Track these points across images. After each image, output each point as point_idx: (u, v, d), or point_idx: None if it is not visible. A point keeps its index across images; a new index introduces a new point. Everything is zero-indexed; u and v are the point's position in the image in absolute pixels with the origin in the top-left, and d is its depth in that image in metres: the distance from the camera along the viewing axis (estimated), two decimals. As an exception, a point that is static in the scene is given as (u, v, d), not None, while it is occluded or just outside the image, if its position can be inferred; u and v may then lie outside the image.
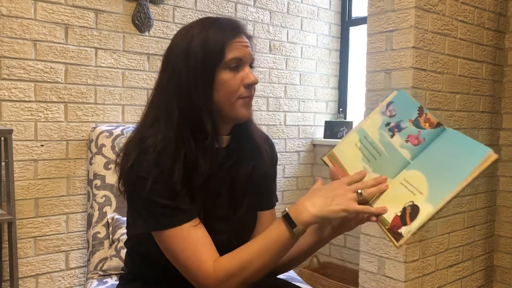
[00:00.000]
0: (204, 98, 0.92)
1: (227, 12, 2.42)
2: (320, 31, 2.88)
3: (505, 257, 2.27)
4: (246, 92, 0.96)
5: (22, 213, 1.86)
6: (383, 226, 0.87)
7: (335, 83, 2.99)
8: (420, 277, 1.88)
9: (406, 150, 0.92)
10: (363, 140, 0.96)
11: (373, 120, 0.97)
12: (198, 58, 0.92)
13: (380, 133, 0.95)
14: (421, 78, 1.81)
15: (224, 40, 0.93)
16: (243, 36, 0.97)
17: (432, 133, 0.91)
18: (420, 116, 0.93)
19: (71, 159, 1.96)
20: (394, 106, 0.96)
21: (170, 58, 0.97)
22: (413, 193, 0.87)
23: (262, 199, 1.11)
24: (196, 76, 0.92)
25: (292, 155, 2.77)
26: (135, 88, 2.12)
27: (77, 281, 2.01)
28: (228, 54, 0.93)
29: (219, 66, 0.93)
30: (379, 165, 0.93)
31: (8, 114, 1.81)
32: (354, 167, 0.95)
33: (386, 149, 0.93)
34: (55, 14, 1.89)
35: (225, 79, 0.93)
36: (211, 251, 0.91)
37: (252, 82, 0.96)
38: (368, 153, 0.95)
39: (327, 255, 2.86)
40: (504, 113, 2.26)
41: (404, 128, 0.93)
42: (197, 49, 0.92)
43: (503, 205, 2.27)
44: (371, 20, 1.91)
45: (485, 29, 2.10)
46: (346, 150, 0.97)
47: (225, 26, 0.95)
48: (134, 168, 0.90)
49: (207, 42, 0.92)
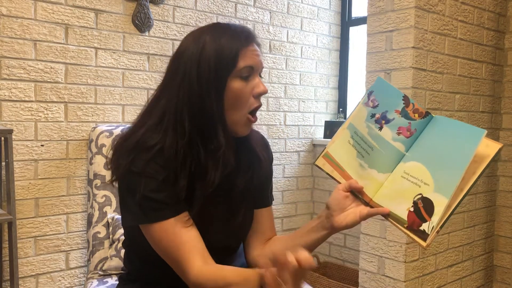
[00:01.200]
0: (216, 107, 0.91)
1: (227, 12, 2.42)
2: (320, 31, 2.88)
3: (505, 257, 2.28)
4: (256, 103, 0.95)
5: (22, 213, 1.86)
6: (401, 226, 0.85)
7: (335, 83, 2.99)
8: (420, 277, 1.88)
9: (399, 143, 0.90)
10: (354, 135, 0.95)
11: (359, 113, 0.95)
12: (211, 65, 0.91)
13: (368, 126, 0.93)
14: (421, 78, 1.81)
15: (238, 48, 0.92)
16: (254, 44, 0.96)
17: (422, 122, 0.90)
18: (407, 106, 0.91)
19: (71, 159, 1.96)
20: (375, 96, 0.94)
21: (181, 62, 0.95)
22: (418, 185, 0.85)
23: (258, 198, 1.11)
24: (209, 83, 0.91)
25: (292, 155, 2.77)
26: (135, 88, 2.12)
27: (77, 281, 2.01)
28: (241, 62, 0.92)
29: (231, 74, 0.92)
30: (373, 160, 0.92)
31: (8, 114, 1.81)
32: (351, 164, 0.94)
33: (377, 143, 0.92)
34: (55, 14, 1.89)
35: (236, 87, 0.92)
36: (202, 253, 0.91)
37: (262, 91, 0.95)
38: (361, 148, 0.94)
39: (327, 255, 2.87)
40: (504, 113, 2.26)
41: (391, 119, 0.92)
42: (210, 56, 0.91)
43: (503, 205, 2.28)
44: (371, 20, 1.91)
45: (485, 29, 2.10)
46: (340, 148, 0.96)
47: (239, 34, 0.94)
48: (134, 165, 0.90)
49: (221, 50, 0.91)
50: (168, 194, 0.90)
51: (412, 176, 0.87)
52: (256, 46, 0.97)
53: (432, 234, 0.82)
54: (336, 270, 2.74)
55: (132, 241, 1.05)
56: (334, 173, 0.97)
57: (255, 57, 0.94)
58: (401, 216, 0.85)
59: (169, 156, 0.90)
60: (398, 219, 0.85)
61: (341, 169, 0.95)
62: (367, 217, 0.91)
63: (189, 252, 0.90)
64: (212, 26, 0.97)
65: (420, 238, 0.83)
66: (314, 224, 1.00)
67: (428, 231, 0.82)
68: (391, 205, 0.88)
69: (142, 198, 0.89)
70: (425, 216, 0.83)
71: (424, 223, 0.83)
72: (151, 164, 0.89)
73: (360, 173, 0.94)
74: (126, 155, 0.91)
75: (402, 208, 0.85)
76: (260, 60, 0.96)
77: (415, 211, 0.84)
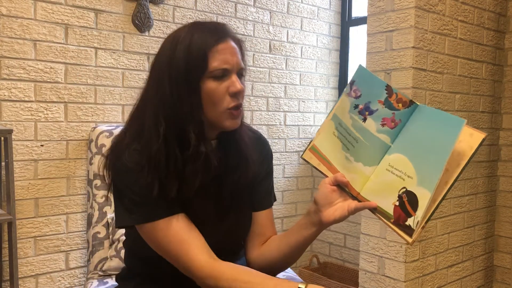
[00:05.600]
0: (188, 109, 0.89)
1: (227, 12, 2.42)
2: (320, 31, 2.88)
3: (505, 257, 2.27)
4: (233, 102, 0.91)
5: (22, 213, 1.86)
6: (388, 221, 0.83)
7: (335, 83, 2.99)
8: (420, 277, 1.88)
9: (384, 135, 0.87)
10: (339, 127, 0.92)
11: (342, 103, 0.92)
12: (180, 68, 0.88)
13: (351, 117, 0.90)
14: (421, 78, 1.81)
15: (207, 48, 0.88)
16: (229, 41, 0.91)
17: (407, 112, 0.86)
18: (390, 96, 0.88)
19: (71, 159, 1.96)
20: (357, 86, 0.91)
21: (156, 65, 0.94)
22: (402, 178, 0.83)
23: (256, 200, 1.09)
24: (179, 87, 0.89)
25: (292, 155, 2.77)
26: (135, 88, 2.12)
27: (77, 281, 2.01)
28: (212, 62, 0.88)
29: (203, 76, 0.89)
30: (359, 152, 0.89)
31: (8, 114, 1.81)
32: (337, 157, 0.92)
33: (362, 135, 0.89)
34: (55, 14, 1.89)
35: (209, 88, 0.89)
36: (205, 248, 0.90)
37: (237, 90, 0.90)
38: (346, 141, 0.91)
39: (327, 255, 2.86)
40: (504, 113, 2.26)
41: (375, 110, 0.88)
42: (180, 58, 0.88)
43: (503, 205, 2.27)
44: (371, 20, 1.91)
45: (485, 29, 2.10)
46: (325, 140, 0.94)
47: (209, 31, 0.90)
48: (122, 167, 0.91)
49: (189, 50, 0.88)
50: (160, 194, 0.89)
51: (396, 169, 0.84)
52: (233, 42, 0.92)
53: (417, 230, 0.79)
54: (336, 270, 2.74)
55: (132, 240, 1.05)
56: (321, 166, 0.95)
57: (228, 56, 0.90)
58: (387, 210, 0.83)
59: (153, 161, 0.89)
60: (384, 214, 0.83)
61: (328, 162, 0.93)
62: (355, 211, 0.89)
63: (192, 248, 0.89)
64: (189, 25, 0.94)
65: (406, 234, 0.81)
66: (304, 221, 0.98)
67: (414, 226, 0.80)
68: (377, 199, 0.85)
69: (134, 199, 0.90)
70: (410, 211, 0.80)
71: (409, 218, 0.80)
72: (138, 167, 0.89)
73: (346, 166, 0.91)
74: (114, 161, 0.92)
75: (388, 202, 0.83)
76: (235, 59, 0.91)
77: (400, 205, 0.81)
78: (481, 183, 2.18)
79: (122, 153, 0.91)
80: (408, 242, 0.81)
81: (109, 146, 0.97)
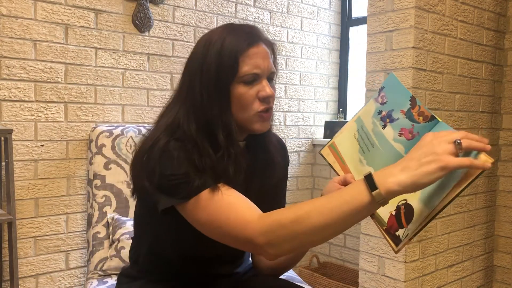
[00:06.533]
0: (218, 112, 0.90)
1: (227, 12, 2.42)
2: (320, 31, 2.88)
3: (505, 257, 2.28)
4: (262, 105, 0.92)
5: (22, 213, 1.86)
6: (381, 227, 0.85)
7: (335, 83, 2.99)
8: (420, 277, 1.88)
9: (400, 144, 0.88)
10: (360, 130, 0.94)
11: (368, 107, 0.94)
12: (211, 73, 0.89)
13: (373, 122, 0.92)
14: (421, 78, 1.81)
15: (238, 52, 0.88)
16: (261, 45, 0.92)
17: (426, 126, 0.87)
18: (413, 108, 0.88)
19: (71, 159, 1.96)
20: (385, 92, 0.92)
21: (188, 68, 0.95)
22: None
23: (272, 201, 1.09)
24: (210, 92, 0.89)
25: (292, 155, 2.77)
26: (135, 88, 2.12)
27: (77, 281, 2.01)
28: (242, 67, 0.89)
29: (233, 80, 0.89)
30: (372, 157, 0.90)
31: (8, 114, 1.81)
32: (352, 158, 0.93)
33: (379, 141, 0.90)
34: (55, 14, 1.89)
35: (239, 93, 0.90)
36: (252, 207, 0.86)
37: (267, 95, 0.91)
38: (363, 144, 0.93)
39: (327, 255, 2.87)
40: (504, 113, 2.26)
41: (396, 119, 0.89)
42: (211, 63, 0.89)
43: (503, 205, 2.27)
44: (371, 20, 1.91)
45: (485, 29, 2.10)
46: (345, 140, 0.95)
47: (241, 35, 0.90)
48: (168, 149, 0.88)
49: (221, 55, 0.89)
50: (201, 168, 0.87)
51: None
52: (265, 46, 0.93)
53: (404, 241, 0.81)
54: (336, 270, 2.74)
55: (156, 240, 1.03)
56: (335, 165, 0.96)
57: (259, 61, 0.90)
58: (383, 217, 0.84)
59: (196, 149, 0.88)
60: (379, 220, 0.84)
61: (343, 162, 0.94)
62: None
63: (242, 207, 0.85)
64: (222, 27, 0.95)
65: (393, 243, 0.82)
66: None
67: (402, 238, 0.81)
68: None
69: (182, 174, 0.86)
70: (403, 223, 0.81)
71: (400, 229, 0.81)
72: (184, 148, 0.88)
73: (358, 168, 0.93)
74: (154, 151, 0.89)
75: (386, 210, 0.83)
76: (265, 64, 0.91)
77: (396, 215, 0.83)
78: (481, 183, 2.18)
79: (164, 143, 0.88)
80: (394, 250, 0.82)
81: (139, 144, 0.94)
